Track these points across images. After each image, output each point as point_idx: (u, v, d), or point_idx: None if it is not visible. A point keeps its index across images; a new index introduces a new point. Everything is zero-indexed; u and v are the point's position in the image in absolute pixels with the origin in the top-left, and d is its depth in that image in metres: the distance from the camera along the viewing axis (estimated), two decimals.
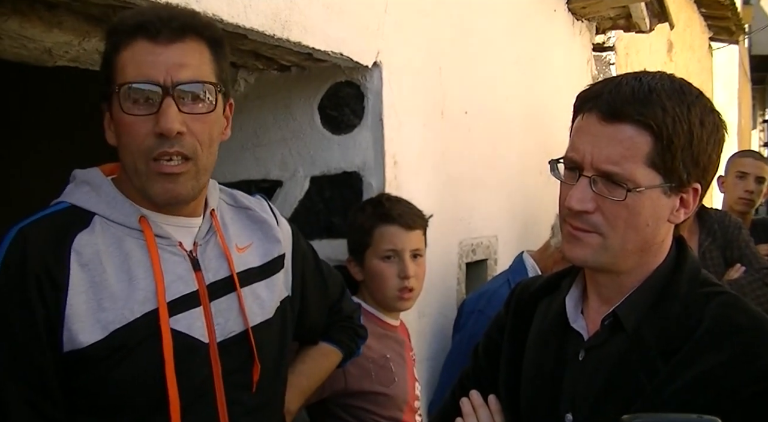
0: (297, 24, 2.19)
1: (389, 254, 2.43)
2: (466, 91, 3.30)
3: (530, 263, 2.97)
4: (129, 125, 1.46)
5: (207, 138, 1.50)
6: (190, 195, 1.53)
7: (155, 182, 1.47)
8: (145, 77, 1.44)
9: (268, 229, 1.75)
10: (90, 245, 1.46)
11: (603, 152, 1.31)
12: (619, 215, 1.32)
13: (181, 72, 1.45)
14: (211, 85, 1.50)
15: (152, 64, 1.44)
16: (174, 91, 1.44)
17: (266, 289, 1.69)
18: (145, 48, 1.45)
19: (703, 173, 1.35)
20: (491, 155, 3.55)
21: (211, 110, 1.50)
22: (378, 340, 2.42)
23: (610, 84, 1.35)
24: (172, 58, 1.45)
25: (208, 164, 1.54)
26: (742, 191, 4.13)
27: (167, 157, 1.45)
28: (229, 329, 1.58)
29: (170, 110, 1.43)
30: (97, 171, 1.58)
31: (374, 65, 2.64)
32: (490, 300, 2.81)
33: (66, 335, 1.41)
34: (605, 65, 5.30)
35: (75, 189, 1.56)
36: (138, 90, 1.45)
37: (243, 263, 1.66)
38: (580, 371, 1.40)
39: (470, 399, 1.57)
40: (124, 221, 1.51)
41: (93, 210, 1.51)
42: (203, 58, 1.51)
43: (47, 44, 2.00)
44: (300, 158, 2.78)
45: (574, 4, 4.61)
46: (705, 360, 1.27)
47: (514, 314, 1.62)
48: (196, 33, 1.50)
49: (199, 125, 1.48)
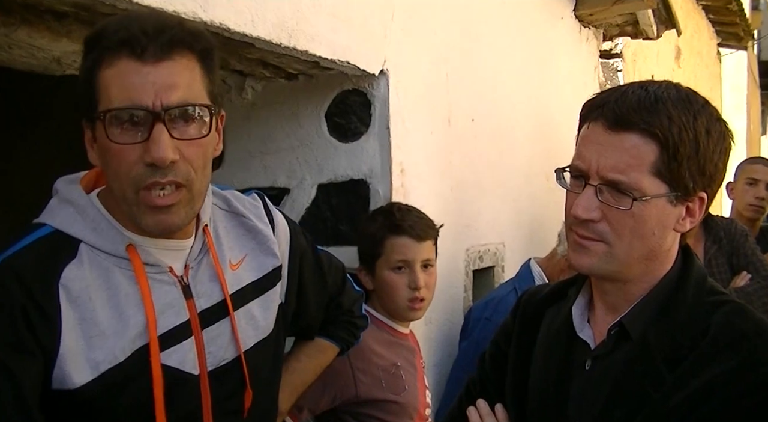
0: (304, 33, 2.20)
1: (400, 266, 2.43)
2: (472, 99, 3.31)
3: (537, 270, 2.96)
4: (116, 152, 1.33)
5: (201, 162, 1.39)
6: (184, 223, 1.43)
7: (146, 214, 1.37)
8: (132, 102, 1.31)
9: (263, 240, 1.66)
10: (78, 279, 1.37)
11: (609, 160, 1.31)
12: (625, 224, 1.32)
13: (172, 94, 1.32)
14: (204, 108, 1.38)
15: (139, 87, 1.31)
16: (165, 115, 1.31)
17: (260, 307, 1.62)
18: (131, 67, 1.32)
19: (709, 182, 1.35)
20: (498, 162, 3.56)
21: (206, 134, 1.38)
22: (388, 348, 2.42)
23: (616, 93, 1.35)
24: (160, 79, 1.32)
25: (203, 188, 1.44)
26: (752, 197, 4.10)
27: (159, 186, 1.34)
28: (220, 357, 1.52)
29: (162, 137, 1.31)
30: (79, 190, 1.46)
31: (381, 73, 2.64)
32: (497, 308, 2.81)
33: (57, 373, 1.34)
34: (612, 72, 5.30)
35: (58, 209, 1.45)
36: (124, 116, 1.32)
37: (237, 281, 1.58)
38: (587, 380, 1.40)
39: (477, 408, 1.57)
40: (110, 249, 1.41)
41: (78, 237, 1.41)
42: (194, 75, 1.38)
43: (56, 53, 2.01)
44: (307, 165, 2.79)
45: (581, 11, 4.61)
46: (711, 368, 1.27)
47: (521, 323, 1.62)
48: (186, 47, 1.37)
49: (193, 149, 1.37)
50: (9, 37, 1.87)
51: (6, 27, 1.83)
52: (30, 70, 2.12)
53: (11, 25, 1.83)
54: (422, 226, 2.48)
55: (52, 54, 2.01)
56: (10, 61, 2.04)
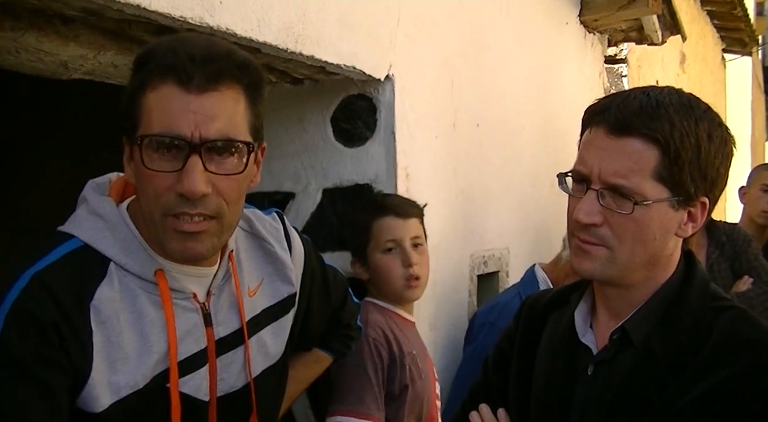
0: (310, 38, 2.21)
1: (390, 246, 2.41)
2: (478, 104, 3.31)
3: (542, 275, 2.96)
4: (149, 178, 1.32)
5: (234, 196, 1.37)
6: (210, 253, 1.41)
7: (173, 240, 1.35)
8: (172, 130, 1.30)
9: (280, 266, 1.65)
10: (108, 301, 1.36)
11: (611, 165, 1.32)
12: (627, 228, 1.33)
13: (212, 126, 1.30)
14: (242, 144, 1.35)
15: (180, 116, 1.30)
16: (201, 148, 1.30)
17: (271, 334, 1.62)
18: (175, 95, 1.30)
19: (711, 187, 1.35)
20: (503, 168, 3.56)
21: (241, 171, 1.36)
22: (402, 335, 2.41)
23: (618, 98, 1.36)
24: (203, 110, 1.30)
25: (233, 221, 1.42)
26: (766, 204, 4.07)
27: (187, 217, 1.33)
28: (231, 384, 1.53)
29: (196, 169, 1.29)
30: (110, 204, 1.45)
31: (386, 78, 2.65)
32: (501, 313, 2.80)
33: (84, 395, 1.33)
34: (617, 78, 5.30)
35: (86, 222, 1.42)
36: (161, 144, 1.31)
37: (252, 308, 1.58)
38: (590, 385, 1.41)
39: (480, 413, 1.57)
40: (139, 272, 1.40)
41: (108, 255, 1.39)
42: (237, 109, 1.35)
43: (63, 58, 2.02)
44: (312, 170, 2.80)
45: (585, 17, 4.62)
46: (714, 374, 1.27)
47: (524, 328, 1.62)
48: (233, 78, 1.34)
49: (227, 183, 1.35)
50: (17, 42, 1.88)
51: (14, 31, 1.84)
52: (37, 74, 2.13)
53: (19, 30, 1.84)
54: (405, 205, 2.48)
55: (59, 58, 2.01)
56: (17, 66, 2.05)
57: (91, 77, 2.23)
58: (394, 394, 2.31)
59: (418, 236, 2.48)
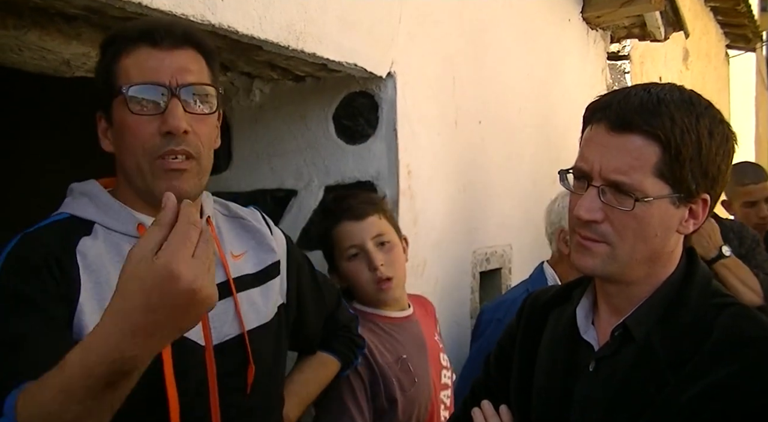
0: (311, 35, 2.21)
1: (353, 252, 2.30)
2: (479, 101, 3.31)
3: (550, 272, 2.95)
4: (134, 125, 1.49)
5: (208, 139, 1.56)
6: (193, 192, 1.55)
7: (160, 180, 1.50)
8: (152, 79, 1.49)
9: (261, 238, 1.79)
10: (93, 248, 1.49)
11: (612, 162, 1.32)
12: (628, 225, 1.33)
13: (186, 75, 1.51)
14: (212, 88, 1.56)
15: (157, 68, 1.49)
16: (179, 92, 1.49)
17: (261, 295, 1.71)
18: (149, 53, 1.50)
19: (712, 184, 1.36)
20: (505, 164, 3.56)
21: (213, 112, 1.57)
22: (388, 341, 2.32)
23: (619, 95, 1.36)
24: (175, 63, 1.51)
25: (208, 166, 1.59)
26: (756, 218, 3.96)
27: (173, 155, 1.49)
28: (225, 332, 1.60)
29: (177, 109, 1.48)
30: (93, 182, 1.62)
31: (388, 75, 2.65)
32: (509, 310, 2.79)
33: (76, 323, 1.42)
34: (620, 74, 5.29)
35: (73, 201, 1.59)
36: (143, 91, 1.49)
37: (238, 269, 1.68)
38: (591, 382, 1.41)
39: (481, 410, 1.58)
40: (122, 228, 1.54)
41: (92, 219, 1.54)
42: (202, 66, 1.57)
43: (66, 56, 2.03)
44: (315, 167, 2.80)
45: (588, 14, 4.61)
46: (715, 371, 1.27)
47: (525, 324, 1.63)
48: (195, 44, 1.56)
49: (202, 126, 1.54)
50: (19, 40, 1.89)
51: (17, 29, 1.85)
52: (40, 72, 2.14)
53: (22, 28, 1.85)
54: (358, 204, 2.34)
55: (62, 56, 2.02)
56: (20, 64, 2.05)
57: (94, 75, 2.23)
58: (383, 408, 2.24)
59: (381, 233, 2.32)
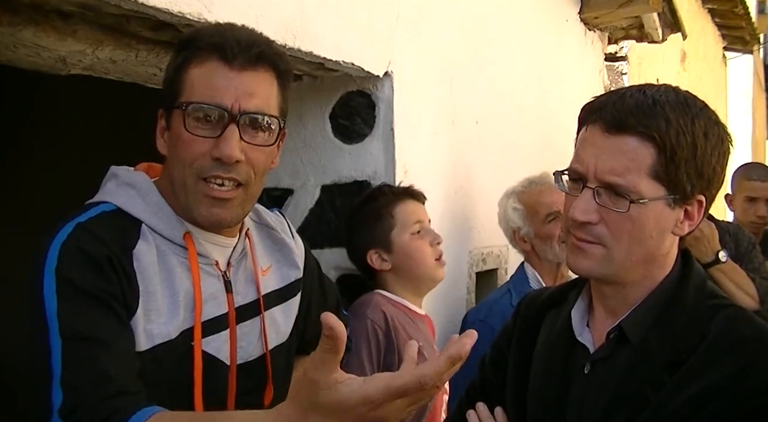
0: (308, 34, 2.21)
1: (418, 228, 2.45)
2: (477, 101, 3.31)
3: (531, 271, 2.97)
4: (188, 141, 1.44)
5: (262, 168, 1.51)
6: (234, 221, 1.53)
7: (201, 204, 1.46)
8: (215, 100, 1.43)
9: (288, 253, 1.77)
10: (146, 254, 1.44)
11: (607, 163, 1.32)
12: (623, 227, 1.33)
13: (250, 101, 1.45)
14: (275, 119, 1.50)
15: (223, 88, 1.43)
16: (239, 118, 1.43)
17: (282, 314, 1.71)
18: (219, 70, 1.44)
19: (708, 186, 1.35)
20: (502, 165, 3.55)
21: (271, 143, 1.51)
22: (412, 329, 2.40)
23: (615, 96, 1.36)
24: (243, 85, 1.44)
25: (257, 192, 1.55)
26: (753, 216, 3.99)
27: (219, 181, 1.45)
28: (249, 352, 1.60)
29: (233, 136, 1.43)
30: (143, 175, 1.56)
31: (385, 75, 2.65)
32: (491, 309, 2.81)
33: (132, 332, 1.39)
34: (618, 75, 5.29)
35: (119, 190, 1.52)
36: (204, 110, 1.43)
37: (265, 286, 1.67)
38: (586, 384, 1.40)
39: (477, 412, 1.58)
40: (169, 235, 1.50)
41: (140, 218, 1.48)
42: (272, 90, 1.51)
43: (61, 53, 2.02)
44: (311, 166, 2.80)
45: (586, 14, 4.61)
46: (711, 372, 1.26)
47: (521, 327, 1.62)
48: (270, 63, 1.50)
49: (257, 154, 1.48)
50: (14, 37, 1.88)
51: (12, 26, 1.84)
52: (35, 69, 2.12)
53: (17, 25, 1.84)
54: (415, 190, 2.53)
55: (57, 53, 2.01)
56: (15, 61, 2.04)
57: (90, 73, 2.23)
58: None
59: (430, 220, 2.54)
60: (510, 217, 3.02)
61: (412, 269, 2.45)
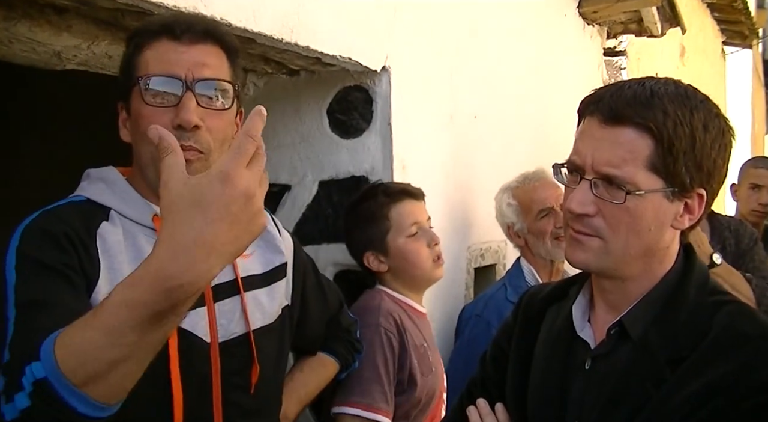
0: (305, 28, 2.19)
1: (415, 230, 2.41)
2: (475, 96, 3.30)
3: (527, 267, 2.97)
4: (148, 116, 1.49)
5: (221, 136, 1.55)
6: None
7: None
8: (168, 72, 1.49)
9: (270, 239, 1.78)
10: (112, 234, 1.48)
11: (604, 155, 1.31)
12: (621, 219, 1.32)
13: (203, 70, 1.51)
14: (229, 84, 1.56)
15: (175, 62, 1.50)
16: (194, 86, 1.49)
17: (267, 296, 1.72)
18: (169, 46, 1.51)
19: (708, 179, 1.33)
20: (500, 160, 3.54)
21: (228, 108, 1.56)
22: (415, 327, 2.39)
23: (613, 88, 1.35)
24: (194, 57, 1.51)
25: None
26: (755, 203, 4.01)
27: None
28: (231, 330, 1.61)
29: (190, 103, 1.48)
30: (111, 169, 1.61)
31: (383, 70, 2.64)
32: (486, 304, 2.81)
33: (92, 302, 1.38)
34: (616, 70, 5.28)
35: (89, 186, 1.58)
36: (159, 83, 1.49)
37: (246, 269, 1.68)
38: (587, 380, 1.39)
39: (477, 408, 1.57)
40: (137, 217, 1.54)
41: (108, 205, 1.53)
42: (222, 62, 1.57)
43: (56, 48, 2.01)
44: (309, 162, 2.79)
45: (585, 9, 4.60)
46: (712, 369, 1.25)
47: (521, 322, 1.61)
48: (216, 39, 1.57)
49: (216, 121, 1.53)
50: (9, 32, 1.87)
51: (7, 21, 1.83)
52: (31, 64, 2.11)
53: (12, 20, 1.83)
54: (412, 188, 2.48)
55: (52, 48, 2.00)
56: (10, 56, 2.03)
57: (86, 68, 2.21)
58: (404, 385, 2.28)
59: (429, 217, 2.50)
60: (504, 212, 3.02)
61: (409, 271, 2.43)
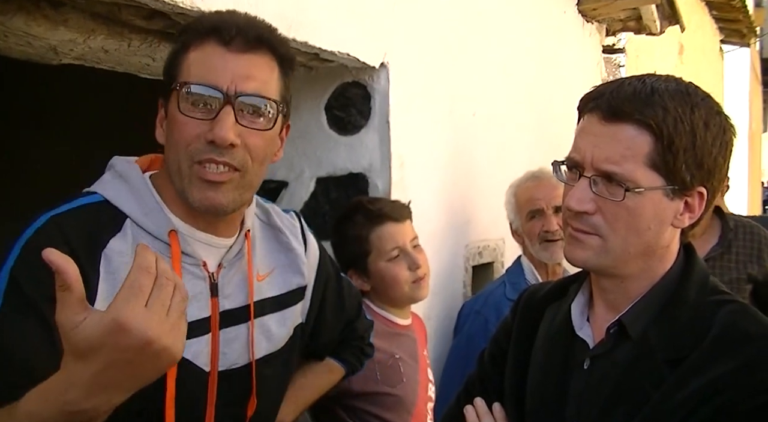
0: (304, 24, 2.18)
1: (395, 254, 2.38)
2: (473, 93, 3.29)
3: (527, 265, 2.96)
4: (182, 124, 1.39)
5: (260, 154, 1.44)
6: (230, 207, 1.44)
7: (195, 187, 1.40)
8: (209, 81, 1.38)
9: (293, 258, 1.69)
10: (120, 255, 1.38)
11: (603, 151, 1.30)
12: (620, 217, 1.31)
13: (247, 83, 1.39)
14: (273, 103, 1.44)
15: (219, 70, 1.38)
16: (235, 100, 1.38)
17: (277, 322, 1.63)
18: (215, 51, 1.40)
19: (709, 176, 1.32)
20: (499, 157, 3.54)
21: (269, 128, 1.44)
22: (387, 340, 2.38)
23: (613, 85, 1.34)
24: (240, 68, 1.39)
25: (255, 181, 1.48)
26: None
27: (213, 165, 1.38)
28: (232, 360, 1.53)
29: (227, 118, 1.37)
30: (136, 169, 1.50)
31: (381, 66, 2.63)
32: (486, 301, 2.81)
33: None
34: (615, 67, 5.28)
35: (111, 182, 1.47)
36: (198, 92, 1.38)
37: (261, 292, 1.60)
38: (586, 379, 1.39)
39: (474, 407, 1.55)
40: (154, 231, 1.43)
41: (125, 211, 1.43)
42: (272, 75, 1.45)
43: (52, 42, 1.99)
44: (306, 158, 2.77)
45: (584, 6, 4.60)
46: (713, 369, 1.24)
47: (521, 320, 1.60)
48: (269, 47, 1.45)
49: (255, 139, 1.42)
50: (5, 26, 1.85)
51: (2, 15, 1.81)
52: (26, 58, 2.09)
53: (7, 13, 1.81)
54: (397, 208, 2.43)
55: (48, 43, 1.98)
56: (6, 50, 2.01)
57: (82, 62, 2.20)
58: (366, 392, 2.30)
59: (415, 236, 2.45)
60: (506, 209, 3.02)
61: (389, 293, 2.42)
